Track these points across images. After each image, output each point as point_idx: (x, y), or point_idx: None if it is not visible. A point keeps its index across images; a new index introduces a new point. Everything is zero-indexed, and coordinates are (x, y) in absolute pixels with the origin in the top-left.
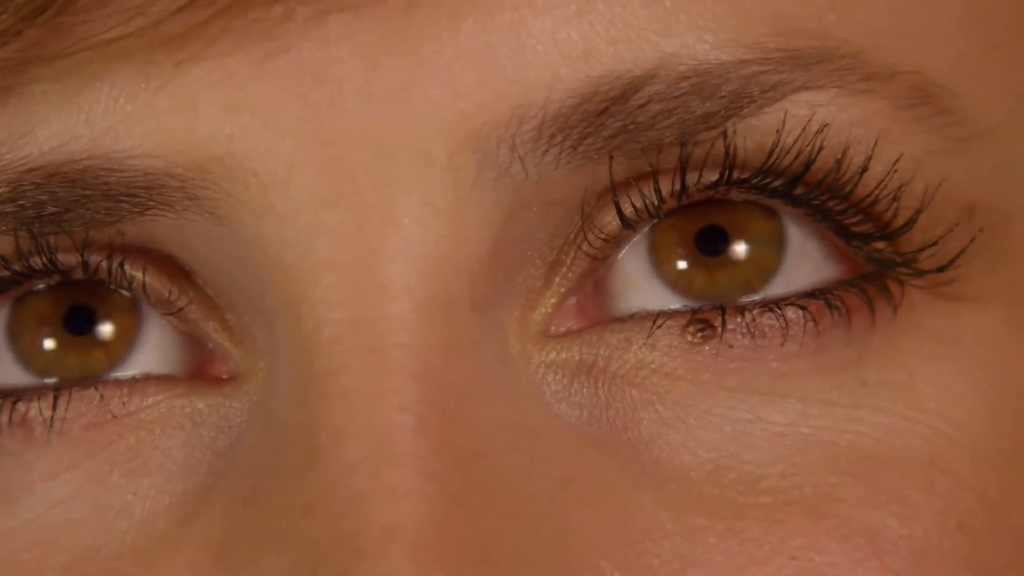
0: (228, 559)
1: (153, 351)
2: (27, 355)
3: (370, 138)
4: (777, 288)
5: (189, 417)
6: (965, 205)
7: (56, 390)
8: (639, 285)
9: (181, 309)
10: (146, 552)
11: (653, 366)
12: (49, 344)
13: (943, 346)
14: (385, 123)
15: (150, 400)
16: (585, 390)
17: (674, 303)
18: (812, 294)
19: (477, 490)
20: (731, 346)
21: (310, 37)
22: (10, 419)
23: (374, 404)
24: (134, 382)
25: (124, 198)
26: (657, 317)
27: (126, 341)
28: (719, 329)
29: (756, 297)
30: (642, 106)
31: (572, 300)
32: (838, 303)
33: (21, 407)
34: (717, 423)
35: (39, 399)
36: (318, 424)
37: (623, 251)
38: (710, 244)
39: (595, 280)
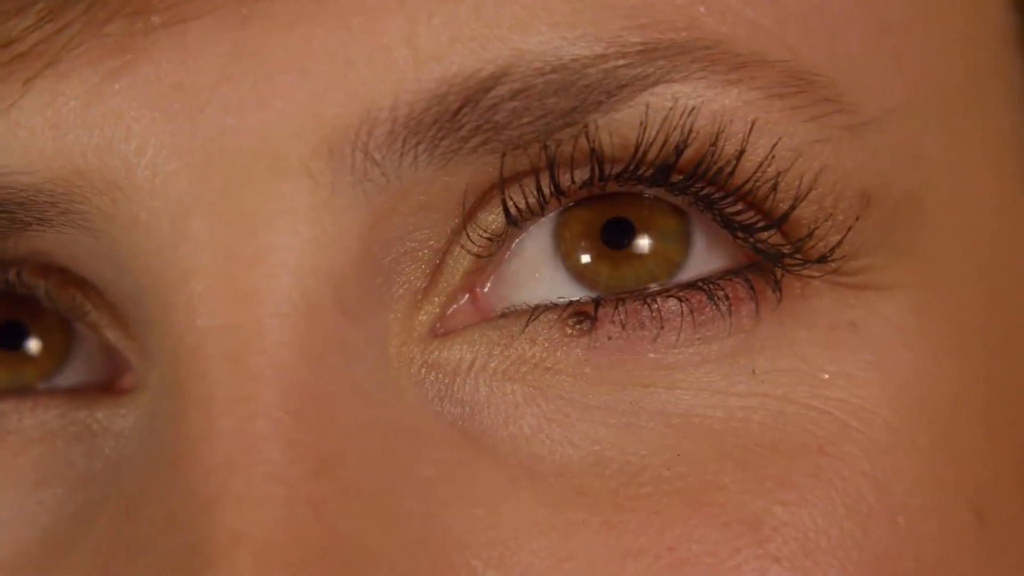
0: (113, 568)
1: (82, 365)
2: None
3: (228, 147)
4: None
5: (89, 428)
6: (858, 193)
7: None
8: (544, 278)
9: (86, 315)
10: (44, 561)
11: (534, 361)
12: None
13: (843, 334)
14: (242, 131)
15: (52, 413)
16: (467, 387)
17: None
18: (694, 285)
19: (334, 494)
20: (609, 338)
21: (165, 47)
22: None
23: (230, 410)
24: (38, 396)
25: (2, 215)
26: (534, 310)
27: (56, 356)
28: (595, 321)
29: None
30: (495, 105)
31: (465, 297)
32: (720, 293)
33: None
34: (600, 416)
35: None
36: (181, 432)
37: (519, 243)
38: (616, 237)
39: (493, 276)
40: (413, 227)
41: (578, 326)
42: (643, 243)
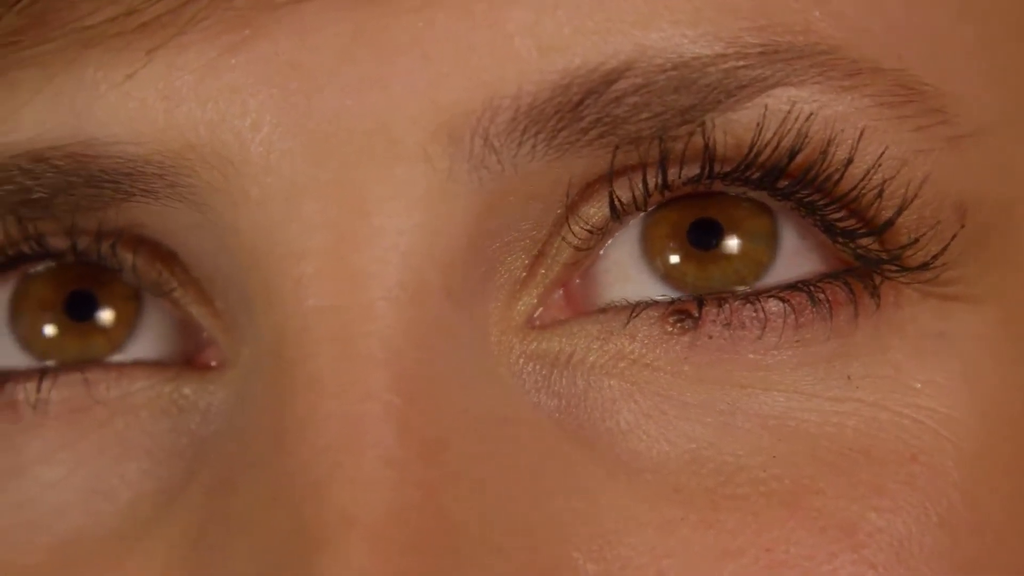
0: (203, 546)
1: (152, 338)
2: (27, 339)
3: (344, 128)
4: (768, 284)
5: (175, 403)
6: (955, 204)
7: (42, 373)
8: (631, 277)
9: (171, 292)
10: (128, 535)
11: (632, 356)
12: (50, 329)
13: (933, 343)
14: (359, 113)
15: (138, 385)
16: (564, 380)
17: (665, 295)
18: (795, 286)
19: (442, 478)
20: (710, 337)
21: (285, 25)
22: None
23: (340, 392)
24: (122, 367)
25: (107, 184)
26: (635, 307)
27: (126, 327)
28: (698, 320)
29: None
30: (618, 99)
31: (559, 291)
32: (821, 296)
33: (9, 388)
34: (697, 414)
35: (26, 381)
36: (286, 411)
37: (610, 243)
38: (703, 238)
39: (584, 271)
40: (519, 217)
41: (679, 324)
42: (731, 244)
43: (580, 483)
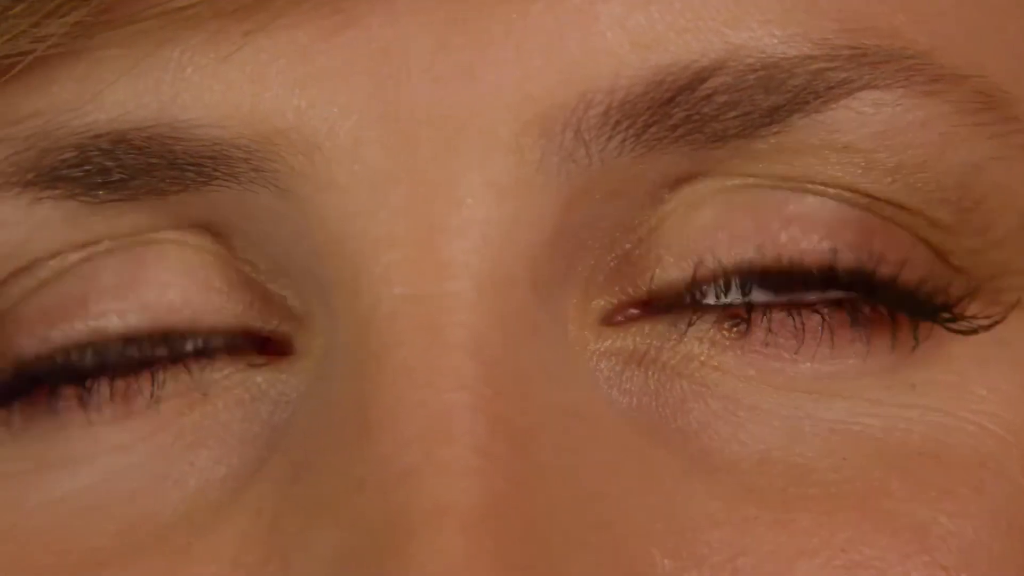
0: (279, 531)
1: None
2: None
3: (436, 116)
4: (830, 292)
5: (248, 392)
6: (1021, 212)
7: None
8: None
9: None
10: (197, 522)
11: (702, 359)
12: None
13: (995, 351)
14: (451, 102)
15: (216, 375)
16: (636, 378)
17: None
18: (856, 292)
19: (530, 471)
20: (766, 344)
21: (379, 12)
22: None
23: (430, 381)
24: (201, 356)
25: (189, 168)
26: (693, 311)
27: None
28: (757, 326)
29: (810, 296)
30: (708, 96)
31: (628, 290)
32: (883, 304)
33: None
34: (765, 418)
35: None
36: (373, 399)
37: None
38: None
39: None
40: (600, 213)
41: (735, 329)
42: None
43: (656, 480)
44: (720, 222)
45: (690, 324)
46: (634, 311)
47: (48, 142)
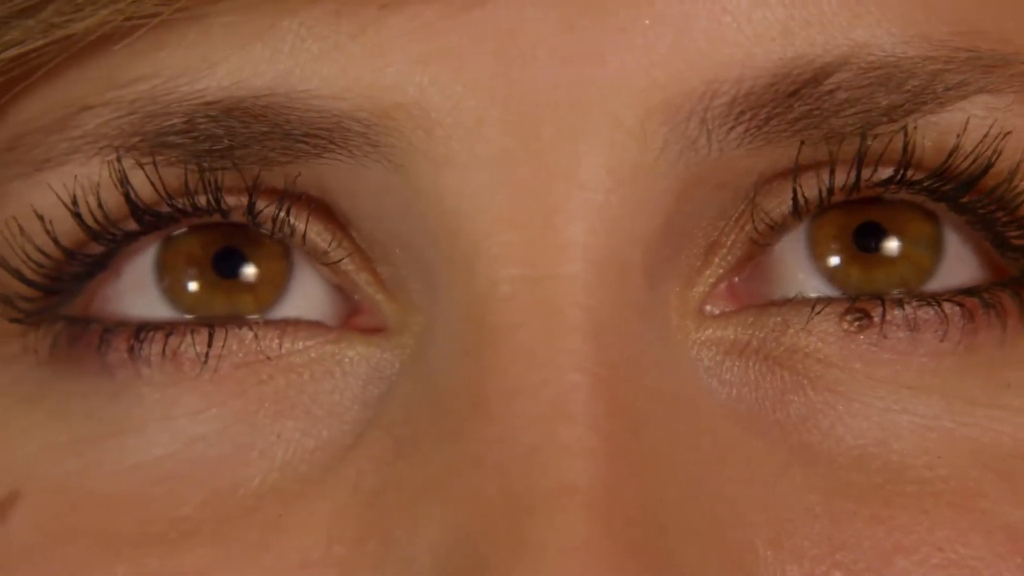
0: (380, 507)
1: (301, 299)
2: (174, 294)
3: (560, 98)
4: (935, 289)
5: (339, 364)
6: None
7: (210, 327)
8: (796, 276)
9: (337, 261)
10: (287, 493)
11: (807, 350)
12: (195, 285)
13: None
14: (576, 85)
15: (301, 344)
16: (736, 368)
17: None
18: (969, 291)
19: (644, 455)
20: (886, 337)
21: None
22: (163, 352)
23: (549, 361)
24: (285, 325)
25: (304, 138)
26: (816, 303)
27: (275, 287)
28: (877, 320)
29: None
30: (830, 92)
31: (725, 283)
32: (994, 302)
33: (174, 342)
34: (865, 411)
35: (193, 335)
36: (489, 379)
37: (782, 241)
38: (867, 240)
39: (752, 265)
40: (708, 203)
41: (857, 323)
42: (897, 247)
43: (757, 471)
44: None
45: (810, 317)
46: (735, 302)
47: (156, 107)
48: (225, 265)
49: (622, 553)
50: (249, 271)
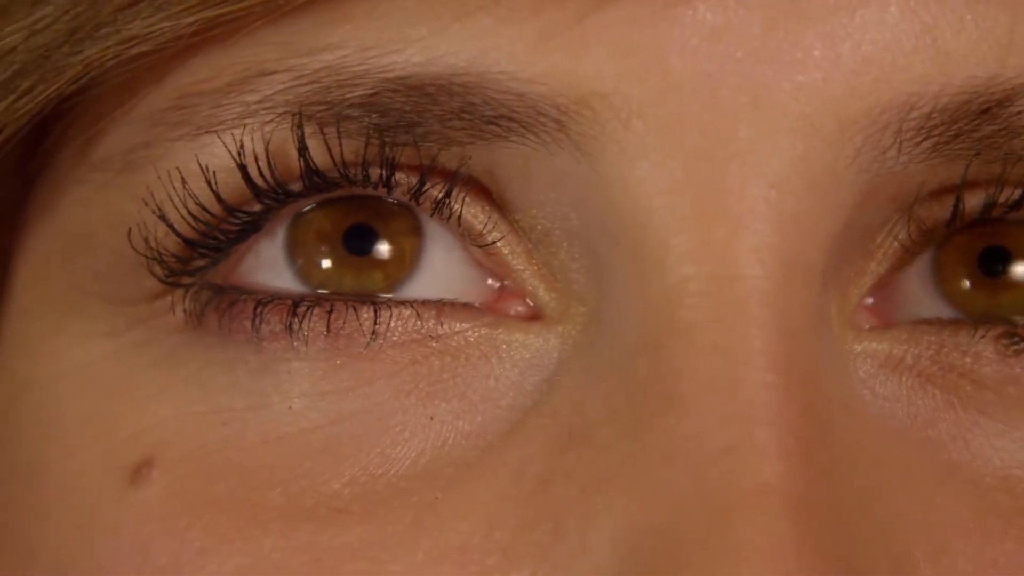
0: (549, 495)
1: (433, 278)
2: (304, 269)
3: (759, 100)
4: None
5: (495, 349)
6: None
7: (374, 306)
8: (921, 300)
9: (492, 243)
10: (442, 477)
11: (962, 371)
12: (328, 262)
13: None
14: (775, 87)
15: (458, 326)
16: (889, 383)
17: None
18: None
19: (831, 459)
20: None
21: None
22: (327, 329)
23: (745, 360)
24: (442, 305)
25: (495, 120)
26: (979, 325)
27: (405, 265)
28: None
29: None
30: (1018, 113)
31: (869, 299)
32: None
33: (337, 319)
34: (1011, 434)
35: (356, 312)
36: (681, 374)
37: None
38: (992, 265)
39: (887, 285)
40: (876, 214)
41: (1013, 347)
42: (1021, 272)
43: (915, 484)
44: None
45: (971, 338)
46: (876, 319)
47: (341, 77)
48: (356, 242)
49: (816, 555)
50: (382, 247)
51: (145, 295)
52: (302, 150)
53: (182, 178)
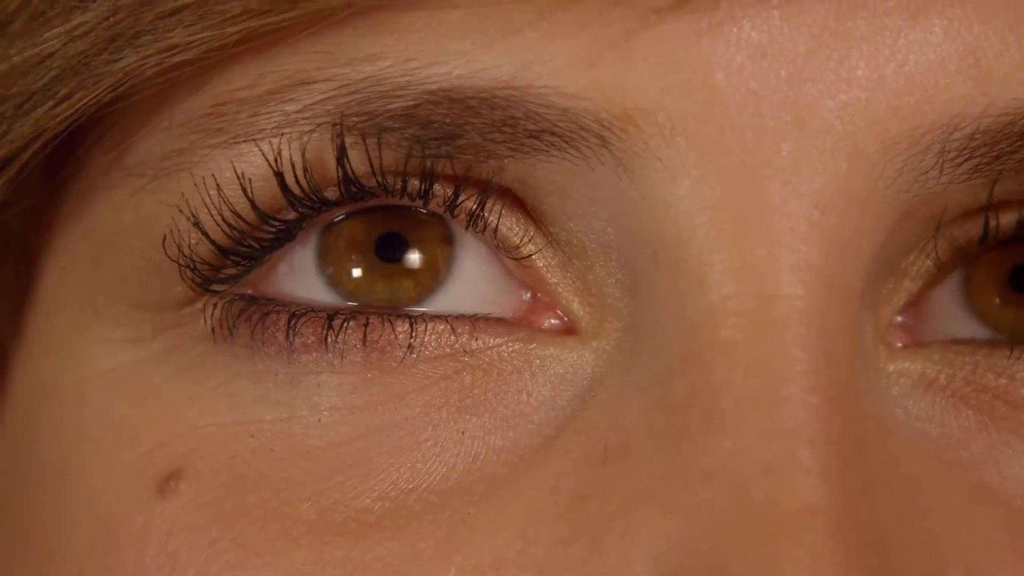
0: (584, 511)
1: (464, 288)
2: (335, 277)
3: (802, 118)
4: None
5: (528, 364)
6: None
7: (411, 320)
8: (952, 318)
9: (528, 256)
10: (474, 492)
11: (996, 391)
12: (359, 271)
13: None
14: (818, 106)
15: (492, 341)
16: (922, 402)
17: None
18: None
19: (869, 477)
20: None
21: (751, 16)
22: (363, 341)
23: (787, 379)
24: (476, 320)
25: (537, 134)
26: (1014, 346)
27: (436, 274)
28: None
29: None
30: None
31: (899, 318)
32: None
33: (373, 333)
34: None
35: (393, 326)
36: (723, 392)
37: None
38: (1022, 282)
39: (919, 303)
40: (912, 232)
41: None
42: None
43: (949, 503)
44: None
45: (1011, 360)
46: (906, 338)
47: (383, 88)
48: (387, 250)
49: (859, 574)
50: (413, 256)
51: (173, 302)
52: (342, 159)
53: (217, 185)
